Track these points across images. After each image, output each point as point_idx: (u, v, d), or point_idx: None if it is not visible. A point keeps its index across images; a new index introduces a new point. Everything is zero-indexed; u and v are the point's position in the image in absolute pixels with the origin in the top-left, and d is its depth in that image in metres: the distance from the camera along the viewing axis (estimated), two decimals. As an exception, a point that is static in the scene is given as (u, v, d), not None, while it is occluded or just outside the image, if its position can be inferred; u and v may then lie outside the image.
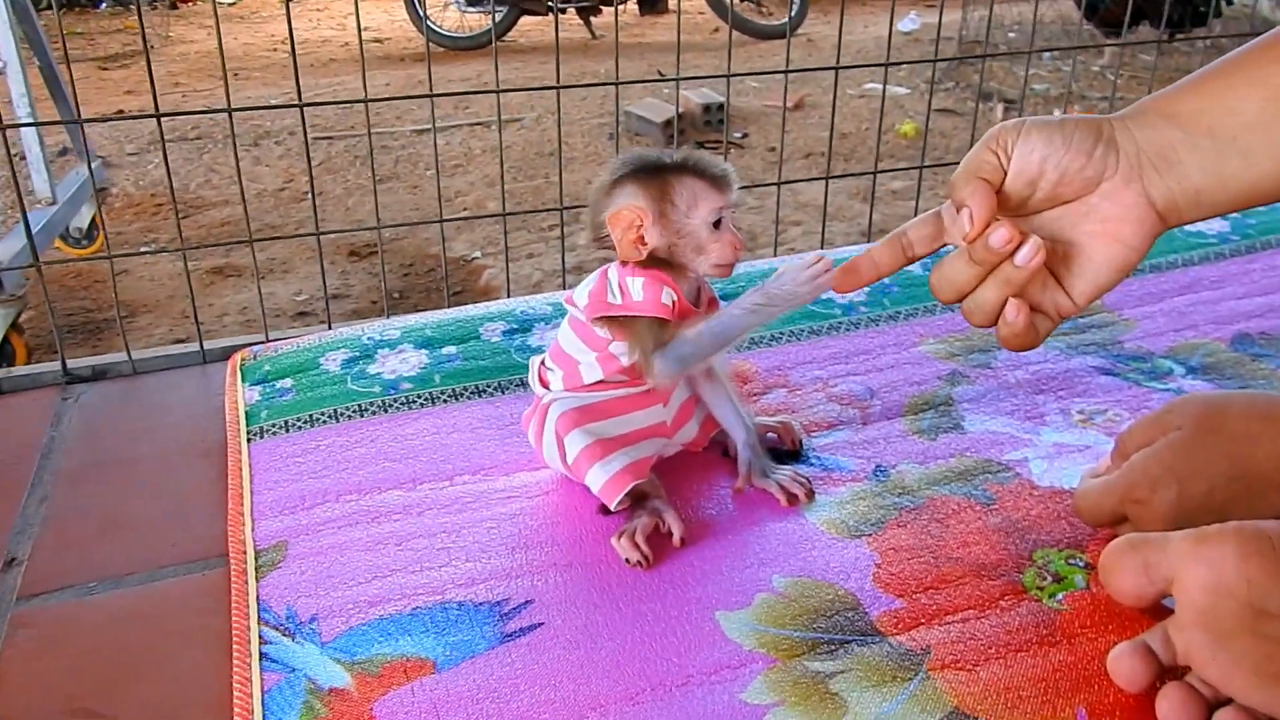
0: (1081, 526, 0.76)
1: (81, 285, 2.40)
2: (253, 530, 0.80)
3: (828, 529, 0.77)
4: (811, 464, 0.86)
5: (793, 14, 5.39)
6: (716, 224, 0.76)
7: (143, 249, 2.66)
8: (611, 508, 0.77)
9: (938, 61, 1.30)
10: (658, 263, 0.76)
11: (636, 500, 0.78)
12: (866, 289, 1.16)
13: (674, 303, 0.75)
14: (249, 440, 0.91)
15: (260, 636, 0.69)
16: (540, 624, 0.69)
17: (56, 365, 1.09)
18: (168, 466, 0.93)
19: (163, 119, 1.07)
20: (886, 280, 1.18)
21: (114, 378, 1.10)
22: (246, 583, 0.74)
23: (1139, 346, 1.03)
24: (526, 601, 0.71)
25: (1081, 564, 0.73)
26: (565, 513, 0.81)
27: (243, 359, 1.05)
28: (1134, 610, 0.66)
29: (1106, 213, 0.64)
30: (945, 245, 0.68)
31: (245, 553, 0.77)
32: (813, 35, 5.48)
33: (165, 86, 4.55)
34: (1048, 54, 4.44)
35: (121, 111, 4.14)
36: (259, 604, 0.72)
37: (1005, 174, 0.64)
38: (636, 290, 0.75)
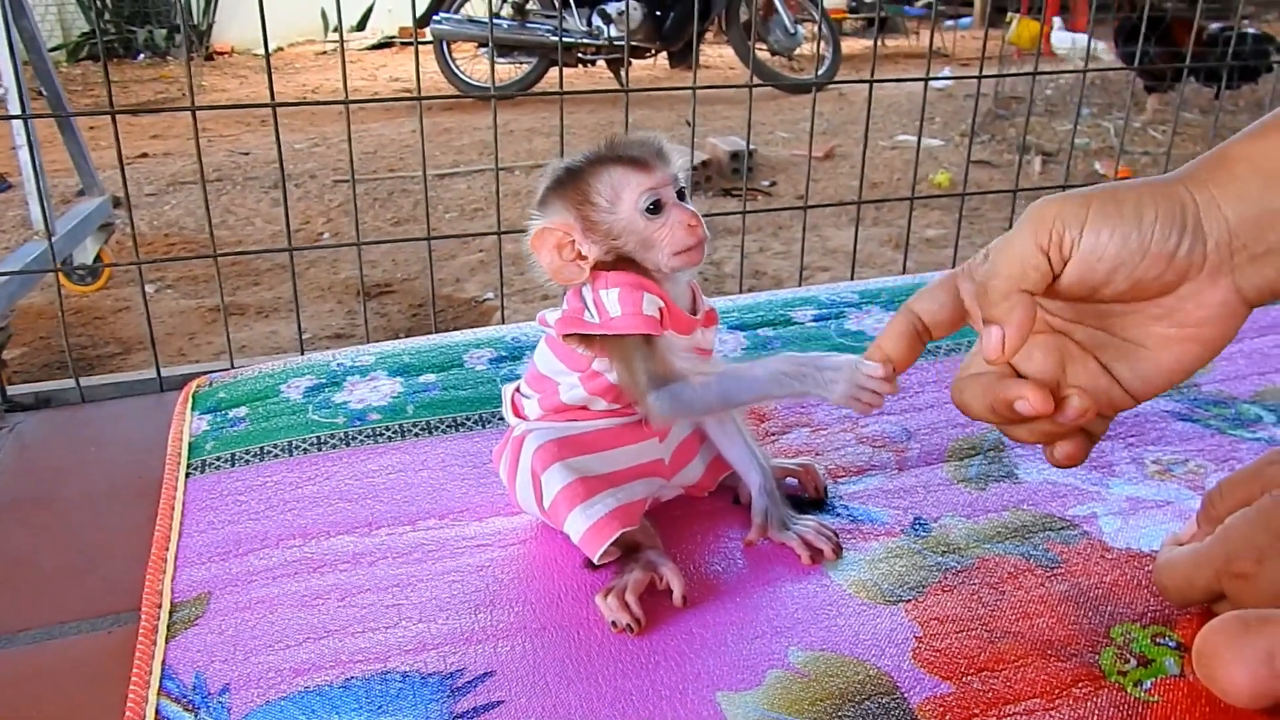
0: (1169, 597, 0.62)
1: (79, 321, 2.31)
2: (173, 579, 0.67)
3: (857, 592, 0.64)
4: (838, 514, 0.73)
5: (825, 68, 5.34)
6: (654, 208, 0.64)
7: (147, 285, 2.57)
8: (595, 560, 0.64)
9: (981, 78, 1.18)
10: (631, 265, 0.64)
11: (627, 552, 0.65)
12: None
13: (661, 311, 0.63)
14: (188, 475, 0.79)
15: (158, 710, 0.56)
16: (499, 702, 0.56)
17: (-5, 391, 0.98)
18: (98, 505, 0.81)
19: (118, 115, 0.97)
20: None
21: (59, 406, 0.99)
22: (155, 643, 0.62)
23: (1219, 390, 0.89)
24: (485, 673, 0.58)
25: (1172, 644, 0.58)
26: (543, 565, 0.68)
27: (198, 386, 0.93)
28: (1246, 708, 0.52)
29: (1186, 316, 0.51)
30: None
31: (160, 606, 0.65)
32: (844, 89, 5.41)
33: (193, 132, 4.53)
34: (1087, 109, 4.33)
35: (146, 154, 4.12)
36: (164, 669, 0.59)
37: (1058, 276, 0.50)
38: (613, 304, 0.63)
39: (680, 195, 0.65)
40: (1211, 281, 0.49)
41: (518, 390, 0.71)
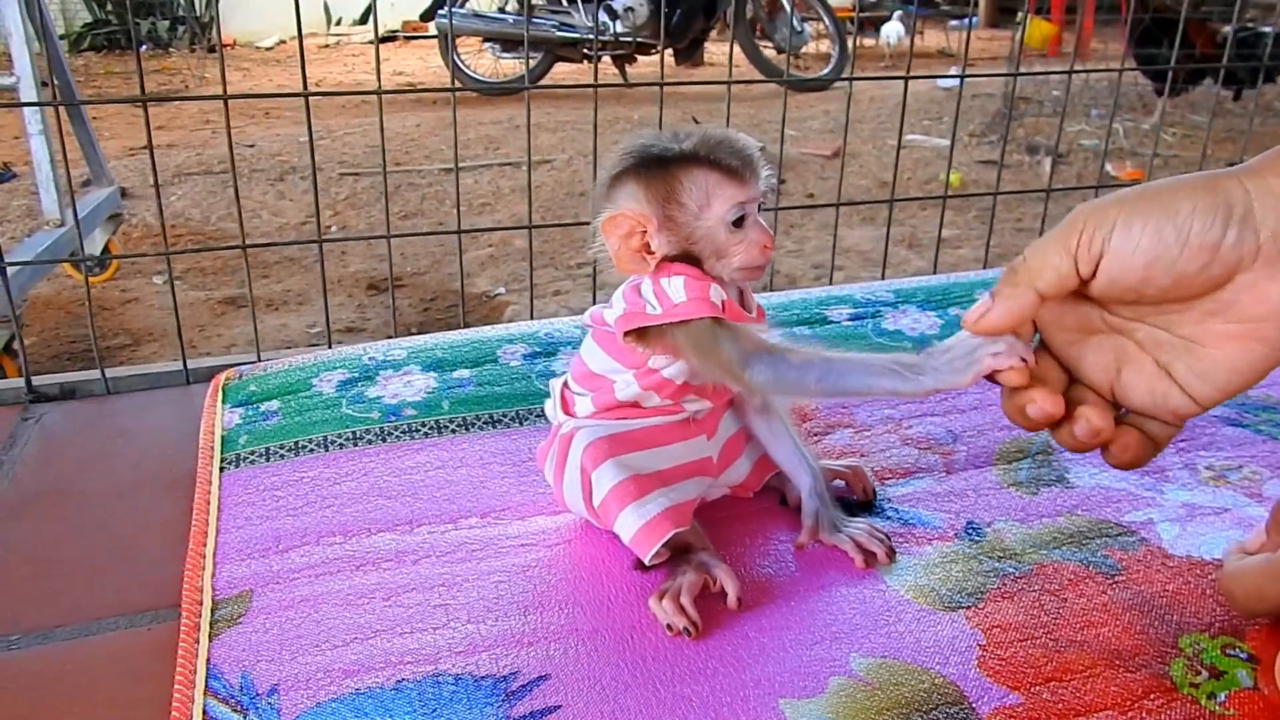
0: (1235, 606, 0.61)
1: (87, 312, 2.29)
2: (213, 576, 0.66)
3: (915, 598, 0.62)
4: (888, 517, 0.71)
5: (830, 66, 5.33)
6: (738, 221, 0.62)
7: (155, 277, 2.56)
8: (646, 561, 0.62)
9: (1017, 76, 1.16)
10: (690, 260, 0.63)
11: (677, 553, 0.64)
12: (940, 321, 1.02)
13: (723, 303, 0.61)
14: (222, 469, 0.78)
15: (204, 711, 0.55)
16: (557, 706, 0.54)
17: (20, 382, 0.97)
18: (127, 498, 0.80)
19: (143, 104, 0.96)
20: (960, 311, 1.04)
21: (84, 397, 0.97)
22: (197, 641, 0.60)
23: (1266, 395, 0.88)
24: (540, 677, 0.56)
25: (1243, 655, 0.57)
26: (591, 566, 0.66)
27: (227, 379, 0.92)
28: (1333, 720, 0.51)
29: (1244, 311, 0.48)
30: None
31: (201, 603, 0.63)
32: (849, 91, 5.40)
33: (197, 124, 4.51)
34: (1095, 110, 4.33)
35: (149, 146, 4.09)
36: (209, 668, 0.58)
37: (1088, 281, 0.50)
38: (677, 290, 0.61)
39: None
40: (1270, 275, 0.47)
41: (566, 386, 0.70)
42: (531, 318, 1.08)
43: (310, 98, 1.05)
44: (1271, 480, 0.74)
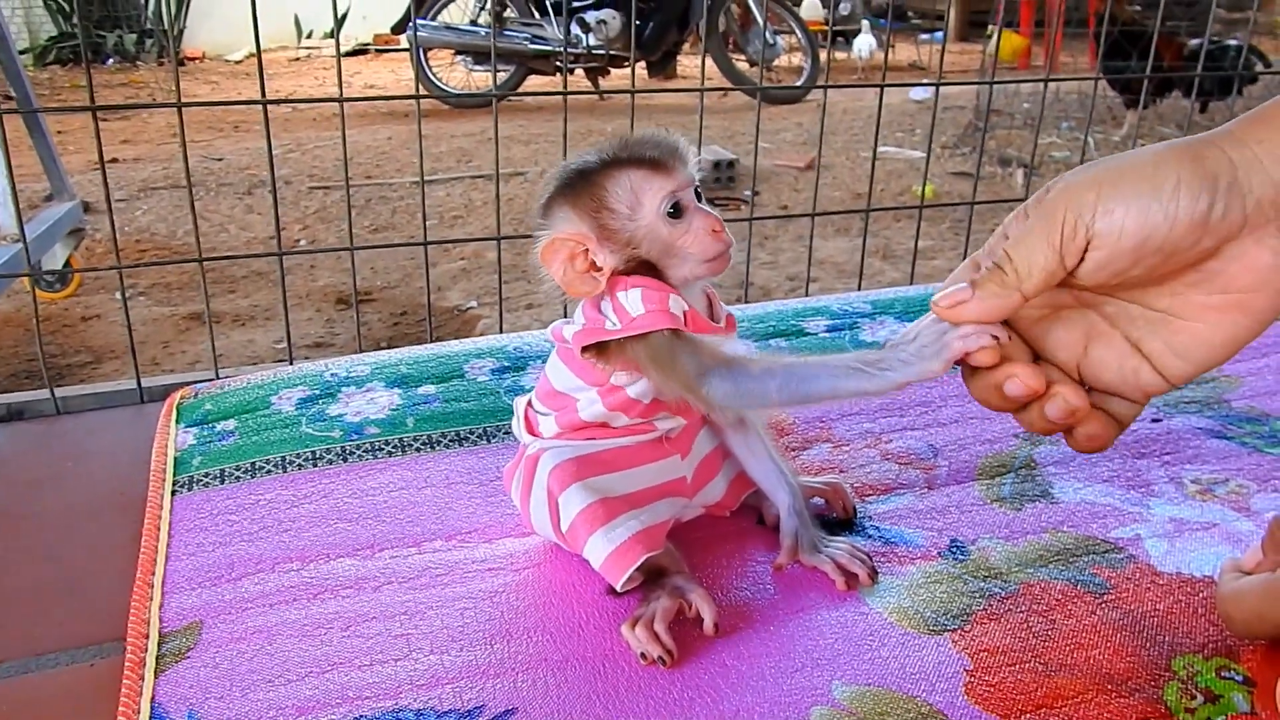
0: (1228, 625, 0.59)
1: (48, 329, 2.24)
2: (161, 607, 0.62)
3: (899, 621, 0.60)
4: (869, 535, 0.69)
5: (803, 78, 5.35)
6: (676, 213, 0.59)
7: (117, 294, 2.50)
8: (618, 588, 0.60)
9: (992, 85, 1.15)
10: (649, 271, 0.60)
11: (651, 577, 0.61)
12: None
13: (685, 313, 0.59)
14: (174, 493, 0.74)
15: (147, 753, 0.51)
16: (523, 744, 0.51)
17: (-36, 401, 0.93)
18: (76, 524, 0.76)
19: (97, 114, 0.92)
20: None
21: (32, 418, 0.93)
22: (142, 678, 0.57)
23: (1250, 406, 0.86)
24: (507, 710, 0.53)
25: (1239, 678, 0.55)
26: (561, 591, 0.63)
27: (182, 397, 0.88)
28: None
29: (1230, 281, 0.46)
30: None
31: (147, 636, 0.60)
32: (822, 101, 5.41)
33: (164, 137, 4.45)
34: (1066, 123, 4.35)
35: (116, 159, 4.03)
36: (153, 707, 0.54)
37: (1074, 270, 0.47)
38: (635, 303, 0.59)
39: (697, 196, 0.62)
40: (1257, 241, 0.45)
41: (530, 406, 0.67)
42: (501, 331, 1.05)
43: (274, 110, 1.02)
44: (1259, 494, 0.72)
